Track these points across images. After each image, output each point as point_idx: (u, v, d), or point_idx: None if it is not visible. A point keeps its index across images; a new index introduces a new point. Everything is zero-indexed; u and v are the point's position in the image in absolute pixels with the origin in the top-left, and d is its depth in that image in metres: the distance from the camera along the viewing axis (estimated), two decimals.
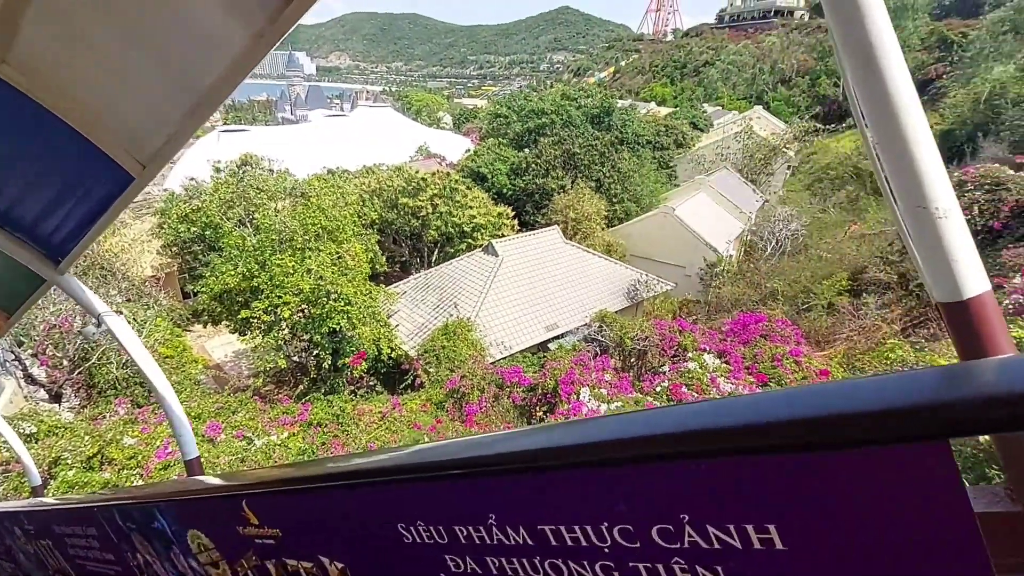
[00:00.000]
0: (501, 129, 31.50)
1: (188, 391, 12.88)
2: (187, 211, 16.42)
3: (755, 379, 13.05)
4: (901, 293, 15.34)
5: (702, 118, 44.13)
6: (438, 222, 18.62)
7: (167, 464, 8.94)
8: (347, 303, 12.34)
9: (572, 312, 17.21)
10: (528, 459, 0.90)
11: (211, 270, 13.53)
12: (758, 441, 0.66)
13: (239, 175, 17.82)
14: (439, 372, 13.94)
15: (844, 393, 0.65)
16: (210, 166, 19.15)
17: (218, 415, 11.26)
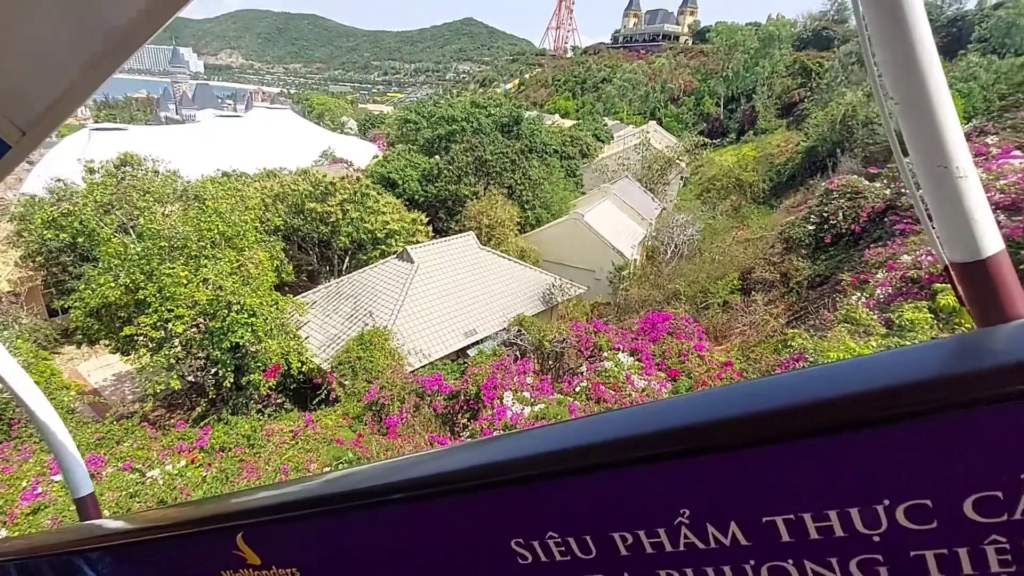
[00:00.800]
0: (411, 135, 31.00)
1: None
2: (55, 215, 14.33)
3: (666, 374, 13.85)
4: (784, 290, 17.08)
5: (603, 130, 46.39)
6: (349, 228, 17.84)
7: (37, 507, 7.71)
8: (251, 314, 11.43)
9: (490, 317, 17.26)
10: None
11: (86, 282, 11.94)
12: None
13: (118, 176, 15.87)
14: (355, 384, 13.33)
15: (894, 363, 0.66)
16: (81, 166, 16.90)
17: (99, 446, 9.94)
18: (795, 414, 0.66)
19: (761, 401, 0.69)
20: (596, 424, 0.86)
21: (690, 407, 0.77)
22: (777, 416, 0.67)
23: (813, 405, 0.65)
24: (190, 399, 15.70)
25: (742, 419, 0.69)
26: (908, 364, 0.65)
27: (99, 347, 18.20)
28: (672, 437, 0.73)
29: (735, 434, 0.69)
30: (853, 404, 0.63)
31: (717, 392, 0.78)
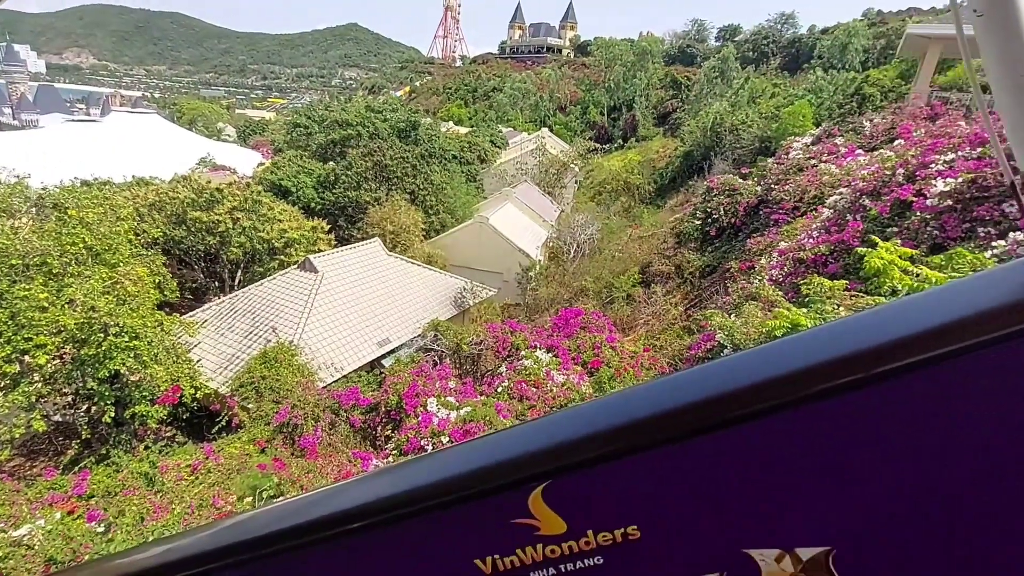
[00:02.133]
0: (301, 140, 29.32)
1: None
2: None
3: (583, 368, 14.34)
4: (679, 281, 18.45)
5: (499, 137, 47.19)
6: (241, 238, 16.38)
7: None
8: (133, 337, 10.11)
9: (403, 325, 16.79)
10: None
11: None
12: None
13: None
14: (261, 407, 12.28)
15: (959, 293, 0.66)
16: None
17: None
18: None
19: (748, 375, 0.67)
20: (566, 418, 0.78)
21: (658, 393, 0.72)
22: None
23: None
24: (55, 443, 13.53)
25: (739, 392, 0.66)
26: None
27: None
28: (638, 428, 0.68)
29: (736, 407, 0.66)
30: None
31: (698, 371, 0.74)
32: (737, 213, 17.92)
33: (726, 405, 0.64)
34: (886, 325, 0.63)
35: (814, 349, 0.64)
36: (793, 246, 9.74)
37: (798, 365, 0.63)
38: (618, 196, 37.51)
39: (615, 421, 0.68)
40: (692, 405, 0.65)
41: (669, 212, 29.20)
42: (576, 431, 0.69)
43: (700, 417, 0.65)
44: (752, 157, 24.68)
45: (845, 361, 0.61)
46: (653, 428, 0.66)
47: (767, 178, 18.37)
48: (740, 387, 0.64)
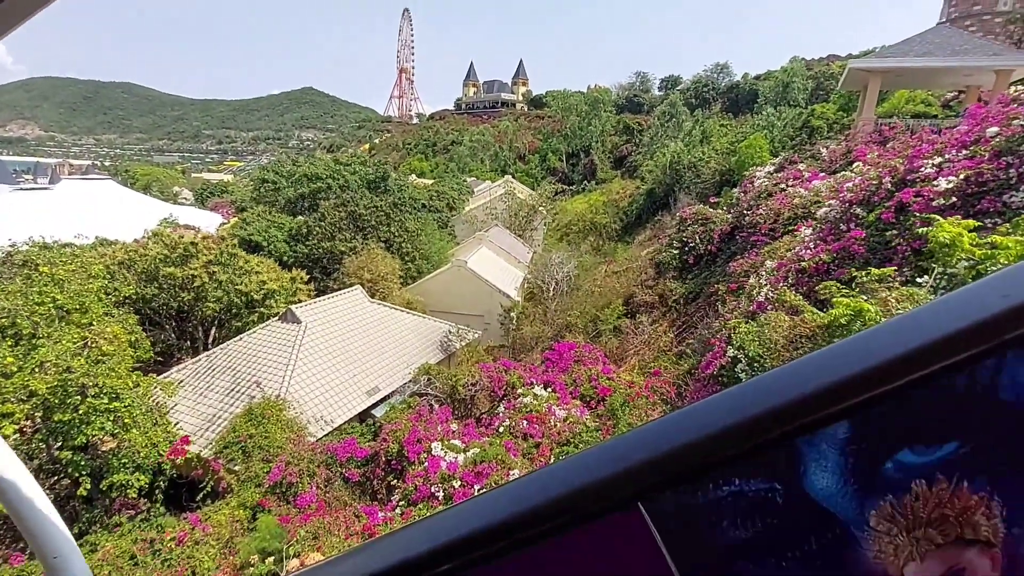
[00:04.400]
0: (269, 196, 28.96)
1: None
2: None
3: (581, 401, 14.10)
4: (664, 309, 18.68)
5: (464, 186, 48.02)
6: (218, 292, 15.68)
7: None
8: (113, 398, 9.34)
9: (391, 372, 16.24)
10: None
11: None
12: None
13: None
14: (250, 467, 11.43)
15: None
16: None
17: None
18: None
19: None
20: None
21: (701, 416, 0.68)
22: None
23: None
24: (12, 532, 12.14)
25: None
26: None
27: None
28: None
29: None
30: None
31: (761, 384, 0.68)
32: (712, 240, 18.50)
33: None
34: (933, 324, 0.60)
35: (859, 357, 0.61)
36: (790, 259, 10.03)
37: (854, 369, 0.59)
38: (586, 235, 38.41)
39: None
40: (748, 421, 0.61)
41: (639, 247, 29.98)
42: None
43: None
44: (715, 189, 25.85)
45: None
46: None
47: (737, 206, 19.17)
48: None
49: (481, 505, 0.70)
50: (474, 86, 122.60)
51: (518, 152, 73.22)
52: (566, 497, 0.64)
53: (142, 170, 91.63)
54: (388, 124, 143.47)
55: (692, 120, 45.44)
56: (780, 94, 45.16)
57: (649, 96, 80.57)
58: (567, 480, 0.65)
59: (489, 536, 0.65)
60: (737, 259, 15.69)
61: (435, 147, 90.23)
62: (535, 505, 0.64)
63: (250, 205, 31.61)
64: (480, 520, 0.66)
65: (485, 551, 0.65)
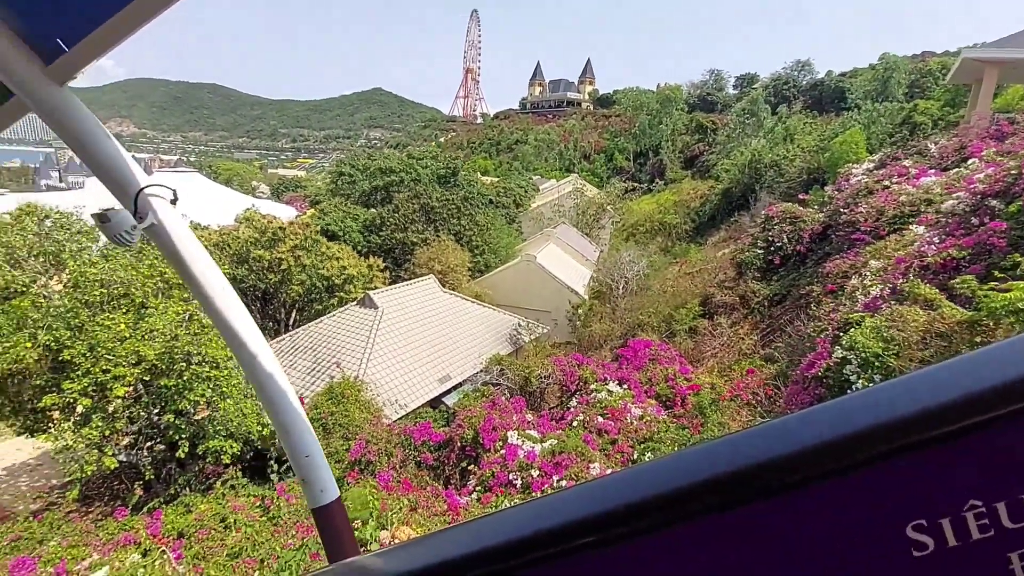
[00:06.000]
0: (345, 188, 30.00)
1: None
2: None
3: (656, 400, 13.57)
4: (745, 311, 17.72)
5: (529, 183, 48.01)
6: (302, 276, 16.33)
7: None
8: (213, 367, 9.78)
9: (462, 361, 16.29)
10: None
11: None
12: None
13: (29, 222, 13.43)
14: (331, 443, 11.72)
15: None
16: None
17: (15, 549, 7.72)
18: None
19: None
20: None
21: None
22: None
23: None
24: (111, 487, 13.04)
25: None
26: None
27: None
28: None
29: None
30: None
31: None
32: (801, 240, 17.39)
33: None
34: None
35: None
36: (909, 256, 9.15)
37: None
38: (654, 236, 37.35)
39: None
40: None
41: (713, 247, 28.77)
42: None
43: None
44: (801, 188, 24.37)
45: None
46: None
47: (830, 204, 17.94)
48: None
49: (584, 494, 0.69)
50: (540, 85, 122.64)
51: (584, 151, 72.49)
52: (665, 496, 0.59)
53: (224, 165, 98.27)
54: (453, 123, 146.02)
55: (774, 118, 43.21)
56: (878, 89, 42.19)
57: (723, 95, 77.59)
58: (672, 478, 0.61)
59: (579, 530, 0.61)
60: (833, 259, 14.62)
61: (499, 146, 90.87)
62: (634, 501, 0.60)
63: (327, 197, 32.87)
64: (572, 513, 0.63)
65: (573, 544, 0.61)
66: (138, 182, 1.29)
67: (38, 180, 74.86)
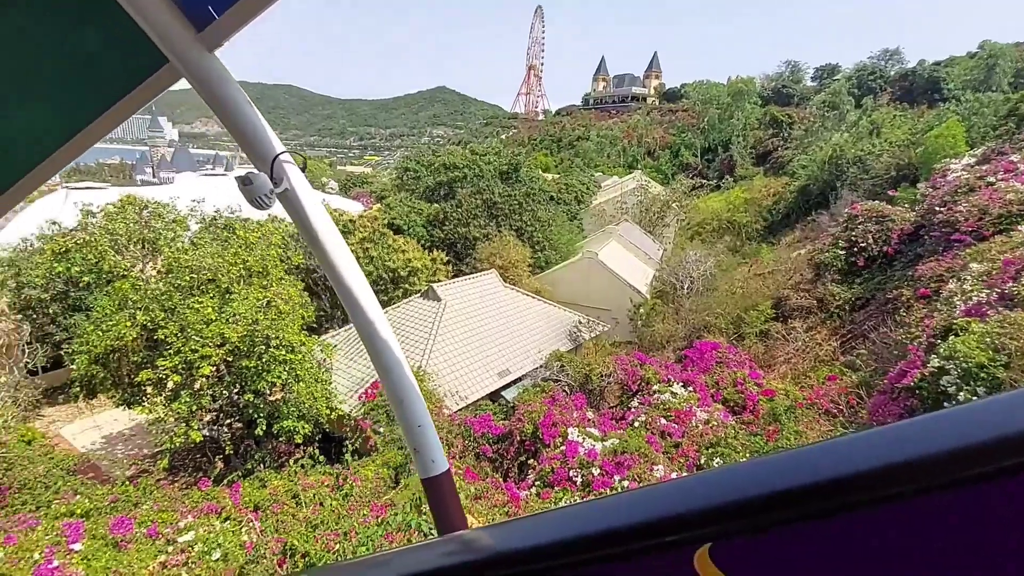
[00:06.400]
0: (410, 184, 30.76)
1: (59, 485, 9.60)
2: (68, 245, 12.95)
3: (723, 405, 13.02)
4: (823, 315, 16.67)
5: (591, 180, 47.37)
6: (370, 267, 16.91)
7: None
8: (289, 351, 10.26)
9: (522, 356, 16.28)
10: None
11: (95, 324, 10.61)
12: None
13: (130, 211, 14.73)
14: (394, 430, 12.00)
15: None
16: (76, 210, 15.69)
17: (114, 509, 8.41)
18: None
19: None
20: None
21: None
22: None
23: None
24: (194, 459, 14.01)
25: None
26: None
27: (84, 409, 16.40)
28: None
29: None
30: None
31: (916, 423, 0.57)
32: (889, 240, 16.16)
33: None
34: None
35: None
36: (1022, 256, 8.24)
37: None
38: (721, 235, 35.88)
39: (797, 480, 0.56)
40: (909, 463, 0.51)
41: (787, 248, 27.30)
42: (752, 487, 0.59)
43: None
44: (888, 185, 22.64)
45: None
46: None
47: (923, 203, 16.54)
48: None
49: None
50: (603, 80, 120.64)
51: (648, 147, 70.70)
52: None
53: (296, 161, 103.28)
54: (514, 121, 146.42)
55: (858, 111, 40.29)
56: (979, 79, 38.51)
57: (800, 87, 73.33)
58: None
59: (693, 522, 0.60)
60: (926, 261, 13.48)
61: (560, 143, 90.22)
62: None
63: (392, 192, 33.81)
64: (684, 505, 0.62)
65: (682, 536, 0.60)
66: (274, 148, 1.32)
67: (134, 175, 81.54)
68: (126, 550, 7.13)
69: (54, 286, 13.52)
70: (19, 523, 7.49)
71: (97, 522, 7.58)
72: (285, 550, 5.77)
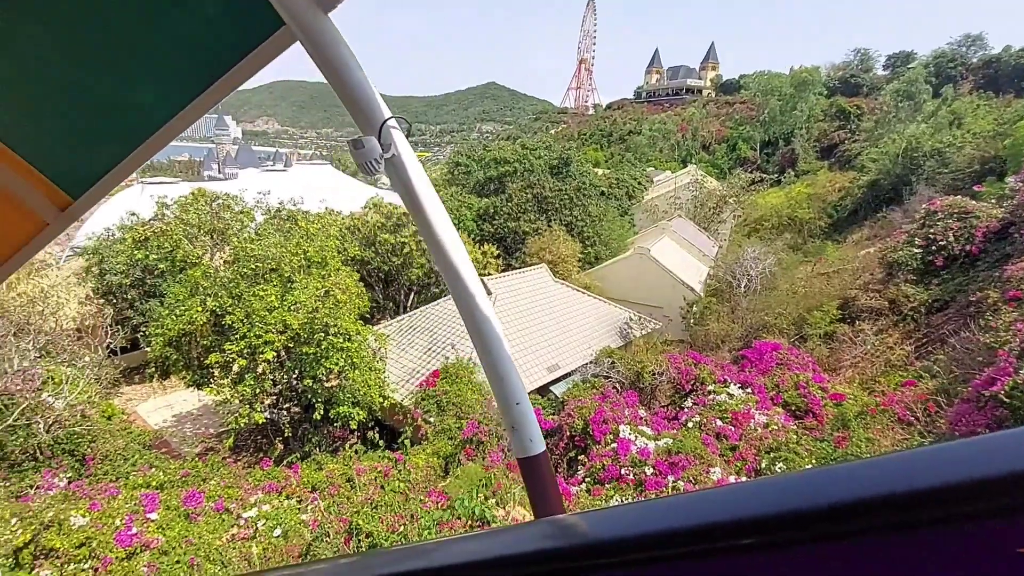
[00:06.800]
0: (460, 178, 31.03)
1: (136, 458, 10.26)
2: (147, 234, 13.88)
3: (783, 409, 12.45)
4: (895, 318, 15.64)
5: (643, 175, 46.36)
6: (422, 259, 17.21)
7: (132, 552, 6.61)
8: (346, 339, 10.53)
9: (571, 351, 16.12)
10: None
11: (169, 308, 11.25)
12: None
13: (202, 203, 15.63)
14: (444, 421, 12.16)
15: None
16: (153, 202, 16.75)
17: (185, 483, 8.89)
18: None
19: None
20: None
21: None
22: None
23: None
24: (255, 440, 14.66)
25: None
26: None
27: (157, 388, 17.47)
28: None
29: None
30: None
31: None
32: (973, 239, 14.97)
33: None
34: None
35: None
36: None
37: None
38: (781, 232, 34.32)
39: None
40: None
41: (855, 246, 25.82)
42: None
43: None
44: (971, 179, 20.98)
45: None
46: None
47: (1012, 198, 15.21)
48: None
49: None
50: (657, 73, 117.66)
51: (703, 141, 68.51)
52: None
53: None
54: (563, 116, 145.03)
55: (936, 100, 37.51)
56: None
57: (870, 76, 69.01)
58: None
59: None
60: (1016, 261, 12.40)
61: (611, 137, 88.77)
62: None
63: (442, 187, 34.20)
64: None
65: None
66: (383, 113, 1.28)
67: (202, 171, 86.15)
68: (196, 522, 7.52)
69: (133, 273, 14.50)
70: (102, 491, 8.03)
71: (170, 494, 8.03)
72: (350, 529, 5.91)
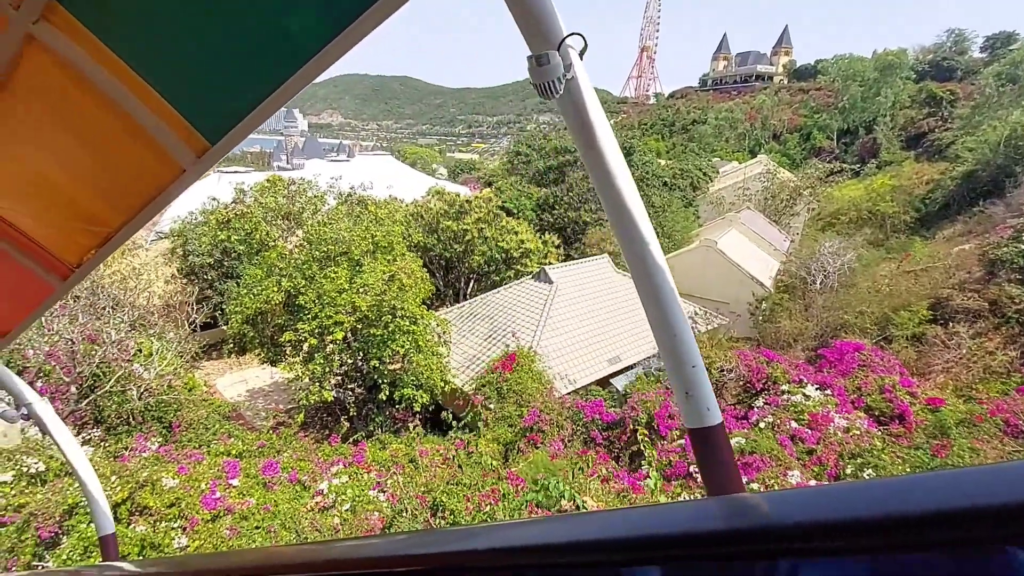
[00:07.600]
0: (521, 168, 30.89)
1: (216, 427, 10.86)
2: (229, 216, 14.71)
3: (865, 414, 11.60)
4: (996, 321, 14.27)
5: (708, 165, 44.61)
6: (484, 247, 17.27)
7: (217, 514, 6.95)
8: (412, 322, 10.67)
9: (633, 343, 15.71)
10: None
11: (247, 288, 11.79)
12: None
13: (279, 187, 16.38)
14: (505, 408, 12.13)
15: None
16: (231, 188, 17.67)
17: (262, 454, 9.31)
18: None
19: None
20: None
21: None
22: None
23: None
24: (322, 418, 15.21)
25: None
26: None
27: (233, 364, 18.47)
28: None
29: None
30: None
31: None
32: None
33: None
34: None
35: None
36: None
37: None
38: (860, 226, 32.10)
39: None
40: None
41: (946, 242, 23.73)
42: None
43: None
44: None
45: None
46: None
47: None
48: None
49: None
50: (725, 59, 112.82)
51: (773, 130, 65.10)
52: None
53: (410, 150, 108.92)
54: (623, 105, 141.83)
55: None
56: None
57: (965, 59, 63.12)
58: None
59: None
60: None
61: (673, 127, 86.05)
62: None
63: (502, 176, 34.22)
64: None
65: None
66: (562, 30, 1.11)
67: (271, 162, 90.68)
68: (273, 490, 7.84)
69: (214, 254, 15.36)
70: (188, 456, 8.53)
71: (249, 463, 8.42)
72: (433, 504, 5.96)
